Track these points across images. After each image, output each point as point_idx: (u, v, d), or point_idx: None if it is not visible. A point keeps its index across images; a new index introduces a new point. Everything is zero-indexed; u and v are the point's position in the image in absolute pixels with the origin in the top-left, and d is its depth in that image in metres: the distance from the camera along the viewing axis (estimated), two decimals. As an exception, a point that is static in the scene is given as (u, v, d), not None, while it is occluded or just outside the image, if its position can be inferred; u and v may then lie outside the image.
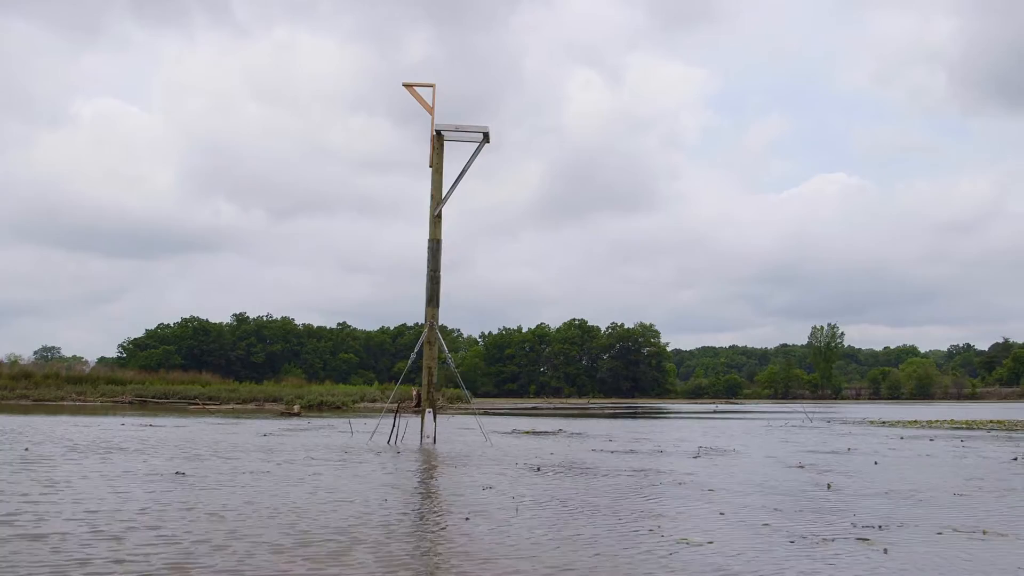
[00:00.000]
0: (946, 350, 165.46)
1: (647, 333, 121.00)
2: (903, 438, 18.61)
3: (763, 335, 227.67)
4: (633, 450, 14.18)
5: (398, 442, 15.06)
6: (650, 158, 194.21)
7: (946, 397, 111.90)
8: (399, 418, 16.28)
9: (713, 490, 8.55)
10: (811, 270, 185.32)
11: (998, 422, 28.53)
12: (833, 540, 5.75)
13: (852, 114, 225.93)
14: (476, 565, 4.82)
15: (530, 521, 6.39)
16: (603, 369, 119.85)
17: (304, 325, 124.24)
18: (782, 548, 5.46)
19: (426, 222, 15.62)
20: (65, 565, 4.62)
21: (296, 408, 31.58)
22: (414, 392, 16.70)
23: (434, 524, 6.29)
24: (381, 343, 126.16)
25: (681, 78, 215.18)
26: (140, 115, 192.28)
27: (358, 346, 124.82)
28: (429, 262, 15.45)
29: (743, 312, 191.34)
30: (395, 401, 19.40)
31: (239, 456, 11.74)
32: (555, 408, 51.67)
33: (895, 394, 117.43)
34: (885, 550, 5.41)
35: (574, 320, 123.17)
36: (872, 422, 28.69)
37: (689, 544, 5.55)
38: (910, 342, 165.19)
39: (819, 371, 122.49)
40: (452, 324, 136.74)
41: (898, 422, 28.51)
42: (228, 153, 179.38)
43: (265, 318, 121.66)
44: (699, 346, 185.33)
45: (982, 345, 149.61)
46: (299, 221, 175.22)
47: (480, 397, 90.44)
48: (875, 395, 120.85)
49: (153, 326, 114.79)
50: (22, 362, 52.31)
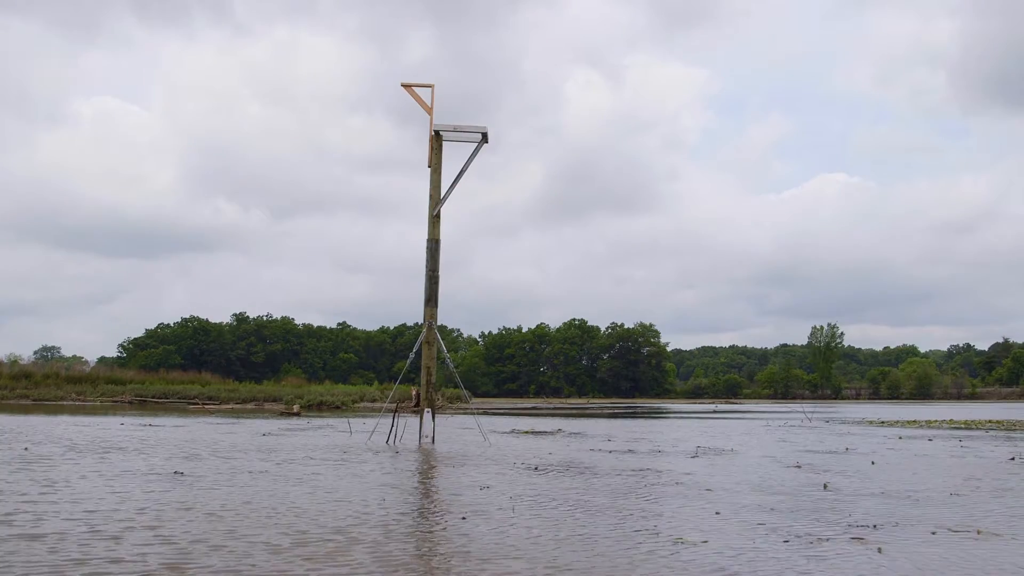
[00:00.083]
0: (946, 350, 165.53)
1: (647, 333, 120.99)
2: (901, 438, 18.64)
3: (763, 335, 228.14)
4: (632, 450, 14.21)
5: (397, 442, 15.08)
6: (650, 158, 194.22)
7: (946, 397, 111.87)
8: (398, 418, 16.31)
9: (710, 490, 8.58)
10: (811, 270, 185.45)
11: (997, 422, 28.56)
12: (828, 540, 5.78)
13: (852, 114, 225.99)
14: (475, 565, 4.84)
15: (528, 521, 6.42)
16: (603, 369, 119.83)
17: (304, 325, 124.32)
18: (776, 547, 5.49)
19: (426, 222, 15.65)
20: (63, 565, 4.64)
21: (296, 408, 31.59)
22: (413, 392, 16.72)
23: (433, 524, 6.31)
24: (381, 343, 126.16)
25: (682, 78, 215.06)
26: (140, 114, 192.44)
27: (358, 346, 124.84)
28: (428, 262, 15.48)
29: (743, 312, 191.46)
30: (394, 401, 19.43)
31: (238, 456, 11.77)
32: (555, 408, 51.69)
33: (895, 394, 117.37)
34: (879, 549, 5.44)
35: (574, 320, 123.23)
36: (871, 422, 28.71)
37: (684, 543, 5.58)
38: (910, 342, 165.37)
39: (819, 371, 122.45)
40: (452, 324, 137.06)
41: (897, 422, 28.53)
42: (228, 153, 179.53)
43: (265, 318, 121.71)
44: (699, 346, 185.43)
45: (982, 345, 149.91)
46: (299, 221, 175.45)
47: (480, 397, 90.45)
48: (875, 395, 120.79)
49: (153, 326, 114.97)
50: (22, 362, 52.40)
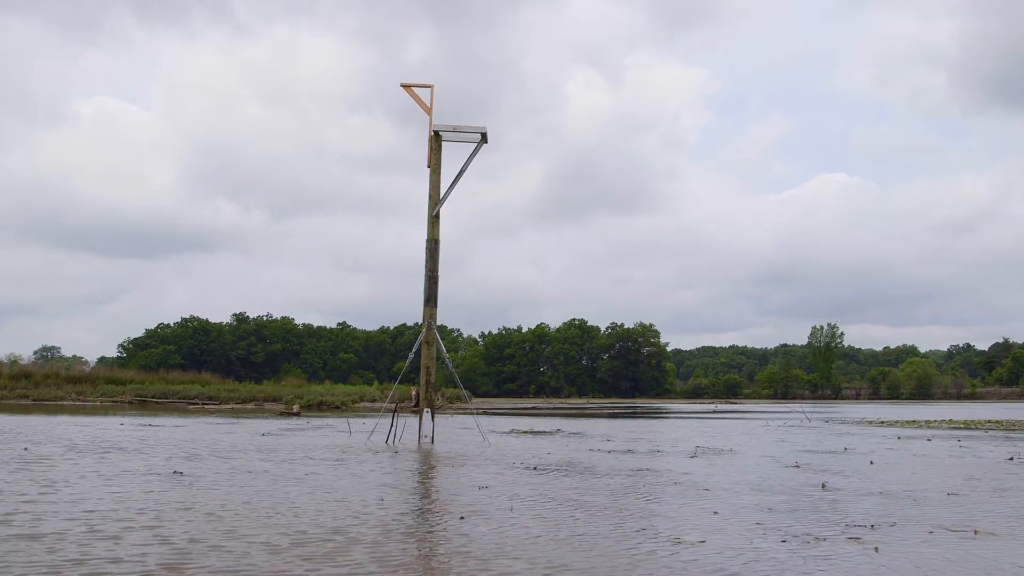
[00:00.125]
0: (946, 350, 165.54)
1: (647, 333, 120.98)
2: (901, 438, 18.65)
3: (763, 335, 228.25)
4: (631, 450, 14.22)
5: (396, 442, 15.09)
6: (650, 158, 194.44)
7: (946, 397, 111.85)
8: (397, 418, 16.31)
9: (708, 490, 8.59)
10: (811, 270, 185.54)
11: (997, 422, 28.56)
12: (825, 539, 5.80)
13: (852, 114, 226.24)
14: (474, 565, 4.85)
15: (528, 521, 6.43)
16: (603, 369, 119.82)
17: (304, 325, 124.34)
18: (775, 547, 5.50)
19: (425, 222, 15.66)
20: (61, 564, 4.65)
21: (295, 408, 31.59)
22: (413, 392, 16.73)
23: (432, 524, 6.32)
24: (381, 343, 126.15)
25: (681, 78, 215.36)
26: (140, 114, 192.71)
27: (358, 346, 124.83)
28: (427, 262, 15.49)
29: (743, 312, 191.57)
30: (394, 401, 19.44)
31: (237, 456, 11.78)
32: (554, 408, 51.69)
33: (895, 394, 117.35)
34: (876, 549, 5.46)
35: (574, 320, 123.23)
36: (870, 422, 28.71)
37: (684, 543, 5.59)
38: (910, 342, 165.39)
39: (819, 371, 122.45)
40: (452, 324, 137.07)
41: (897, 422, 28.54)
42: (228, 153, 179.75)
43: (265, 318, 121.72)
44: (699, 346, 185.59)
45: (982, 345, 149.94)
46: (299, 221, 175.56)
47: (480, 397, 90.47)
48: (875, 395, 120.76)
49: (153, 326, 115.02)
50: (22, 362, 52.40)
